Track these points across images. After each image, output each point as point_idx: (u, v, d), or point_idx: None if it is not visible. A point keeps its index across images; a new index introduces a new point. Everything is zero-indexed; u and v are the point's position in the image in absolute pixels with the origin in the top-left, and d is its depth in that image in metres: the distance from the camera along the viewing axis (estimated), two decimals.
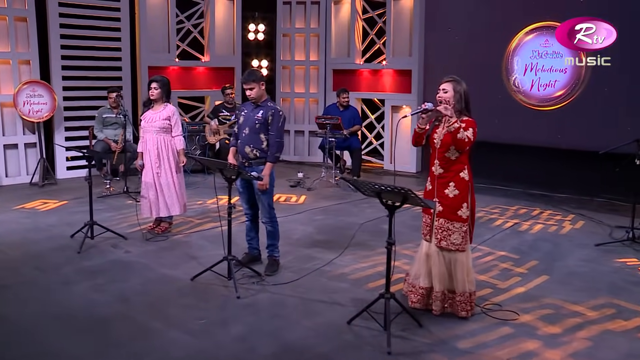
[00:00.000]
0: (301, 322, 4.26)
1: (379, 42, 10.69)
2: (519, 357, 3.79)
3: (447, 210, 4.25)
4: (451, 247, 4.28)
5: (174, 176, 6.26)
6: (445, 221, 4.28)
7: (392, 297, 4.09)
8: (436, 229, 4.32)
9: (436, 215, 4.31)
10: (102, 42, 9.46)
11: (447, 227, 4.28)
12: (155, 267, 5.36)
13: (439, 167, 4.31)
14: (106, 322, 4.22)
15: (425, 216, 4.45)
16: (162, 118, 6.20)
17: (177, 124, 6.26)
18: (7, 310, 4.41)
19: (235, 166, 4.77)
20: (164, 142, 6.22)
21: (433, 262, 4.35)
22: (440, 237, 4.30)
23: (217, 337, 4.01)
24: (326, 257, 5.69)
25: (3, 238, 6.16)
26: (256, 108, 5.12)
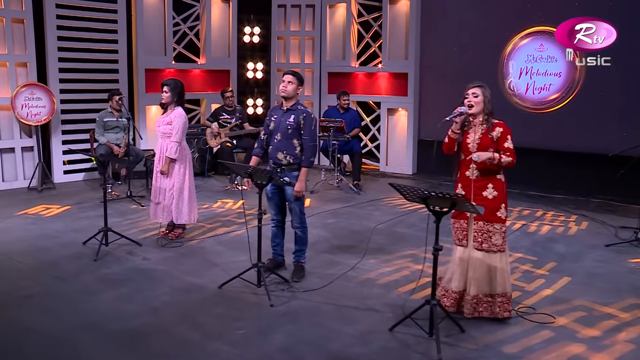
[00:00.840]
0: (342, 330, 4.11)
1: (375, 45, 10.60)
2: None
3: (486, 212, 4.16)
4: (493, 248, 4.19)
5: (185, 182, 6.00)
6: (485, 223, 4.19)
7: (438, 304, 3.98)
8: (475, 232, 4.22)
9: (474, 218, 4.21)
10: (99, 45, 9.14)
11: (487, 230, 4.19)
12: (179, 275, 5.14)
13: (476, 171, 4.21)
14: (142, 334, 4.00)
15: (459, 221, 4.33)
16: (165, 123, 5.96)
17: (176, 129, 5.88)
18: (37, 322, 4.16)
19: (268, 171, 4.59)
20: (166, 147, 5.97)
21: (471, 265, 4.25)
22: (481, 240, 4.21)
23: (260, 348, 3.83)
24: (348, 261, 5.55)
25: (13, 246, 5.86)
26: (286, 112, 4.94)
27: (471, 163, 4.23)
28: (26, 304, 4.48)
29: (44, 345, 3.83)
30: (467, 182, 4.29)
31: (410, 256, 5.79)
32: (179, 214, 6.01)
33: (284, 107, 4.98)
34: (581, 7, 8.61)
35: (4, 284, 4.86)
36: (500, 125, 4.22)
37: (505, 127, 4.23)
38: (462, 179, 4.33)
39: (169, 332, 4.05)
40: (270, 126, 4.99)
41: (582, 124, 8.75)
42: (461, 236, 4.35)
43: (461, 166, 4.34)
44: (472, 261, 4.25)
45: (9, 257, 5.54)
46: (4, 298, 4.58)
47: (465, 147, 4.27)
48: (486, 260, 4.23)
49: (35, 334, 3.97)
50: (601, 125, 8.60)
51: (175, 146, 5.88)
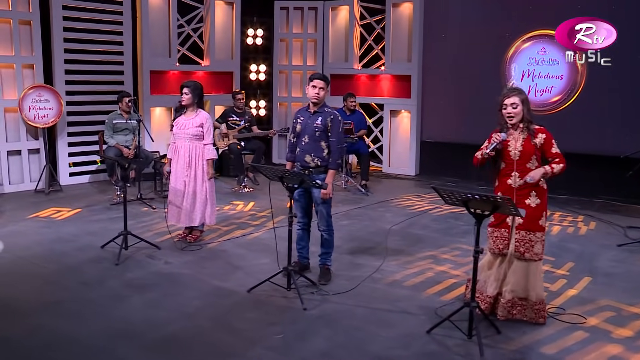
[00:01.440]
0: (379, 333, 4.06)
1: (377, 47, 10.57)
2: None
3: (528, 220, 4.10)
4: (534, 257, 4.15)
5: (206, 185, 5.94)
6: (527, 232, 4.13)
7: (478, 306, 3.95)
8: (517, 241, 4.16)
9: (515, 227, 4.16)
10: (104, 46, 8.98)
11: (530, 239, 4.14)
12: (204, 279, 5.05)
13: (518, 179, 4.15)
14: (180, 341, 3.91)
15: (499, 230, 4.23)
16: (195, 125, 5.87)
17: (210, 131, 5.92)
18: (70, 329, 4.04)
19: (300, 174, 4.51)
20: (196, 150, 5.89)
21: (510, 273, 4.20)
22: (523, 250, 4.15)
23: (302, 353, 3.76)
24: (370, 263, 5.50)
25: (32, 250, 5.71)
26: (314, 115, 4.88)
27: (513, 171, 4.15)
28: (55, 310, 4.35)
29: (81, 354, 3.72)
30: (509, 190, 4.19)
31: (431, 257, 5.76)
32: (199, 216, 5.92)
33: (311, 109, 4.91)
34: (583, 9, 8.67)
35: (30, 290, 4.73)
36: (542, 131, 4.16)
37: (547, 132, 4.17)
38: (502, 187, 4.23)
39: (207, 338, 3.96)
40: (297, 128, 4.92)
41: (584, 125, 8.79)
42: (502, 245, 4.23)
43: (500, 175, 4.26)
44: (512, 269, 4.20)
45: (29, 261, 5.40)
46: (32, 304, 4.45)
47: (507, 155, 4.19)
48: (525, 268, 4.18)
49: (71, 342, 3.86)
50: (603, 126, 8.66)
51: (212, 147, 5.90)
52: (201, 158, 5.90)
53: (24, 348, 3.76)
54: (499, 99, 4.27)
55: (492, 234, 4.30)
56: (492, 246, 4.31)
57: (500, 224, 4.23)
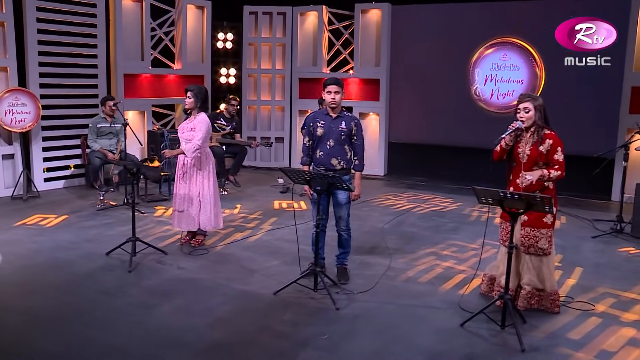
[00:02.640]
0: (417, 328, 4.14)
1: (345, 52, 10.68)
2: (629, 343, 3.96)
3: (533, 218, 4.31)
4: (539, 252, 4.35)
5: (208, 189, 5.79)
6: (532, 229, 4.33)
7: (510, 299, 4.11)
8: (523, 237, 4.36)
9: (521, 224, 4.35)
10: (79, 49, 8.58)
11: (534, 235, 4.34)
12: (224, 283, 4.95)
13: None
14: (229, 346, 3.83)
15: (505, 223, 4.44)
16: (190, 128, 5.72)
17: (199, 132, 5.60)
18: (113, 339, 3.86)
19: (330, 177, 4.51)
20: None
21: (523, 265, 4.40)
22: (527, 245, 4.35)
23: (353, 352, 3.77)
24: (379, 262, 5.58)
25: (33, 259, 5.41)
26: (336, 119, 4.89)
27: (521, 171, 4.36)
28: (87, 320, 4.15)
29: None
30: (517, 189, 4.39)
31: (432, 254, 5.91)
32: (204, 221, 5.80)
33: (332, 114, 4.93)
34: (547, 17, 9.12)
35: (52, 301, 4.47)
36: (551, 137, 4.36)
37: (556, 138, 4.37)
38: (512, 185, 4.43)
39: (254, 342, 3.90)
40: (319, 132, 4.92)
41: None
42: (505, 237, 4.47)
43: (513, 173, 4.44)
44: (524, 263, 4.39)
45: (36, 271, 5.11)
46: (60, 315, 4.22)
47: (516, 156, 4.39)
48: (534, 262, 4.38)
49: (120, 352, 3.70)
50: (561, 127, 9.12)
51: (194, 146, 5.57)
52: (199, 162, 5.73)
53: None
54: (516, 104, 4.46)
55: (500, 226, 4.51)
56: (506, 239, 4.48)
57: (507, 218, 4.42)
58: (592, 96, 8.85)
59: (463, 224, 7.20)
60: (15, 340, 3.83)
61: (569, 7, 8.88)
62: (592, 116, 8.88)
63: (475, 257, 5.81)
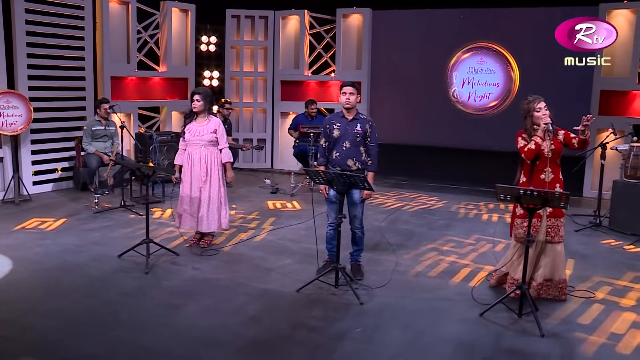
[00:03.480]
0: (440, 320, 4.29)
1: (326, 55, 10.82)
2: (633, 326, 4.24)
3: (556, 209, 4.56)
4: (560, 239, 4.61)
5: (221, 190, 5.86)
6: (555, 220, 4.58)
7: (527, 289, 4.33)
8: (549, 228, 4.58)
9: (547, 216, 4.58)
10: (67, 52, 8.40)
11: (557, 225, 4.59)
12: (244, 282, 4.98)
13: (550, 174, 4.57)
14: (267, 343, 3.89)
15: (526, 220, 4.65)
16: (210, 131, 5.77)
17: (224, 136, 5.85)
18: (149, 341, 3.87)
19: (351, 176, 4.63)
20: (212, 156, 5.79)
21: (542, 257, 4.62)
22: (553, 234, 4.58)
23: (387, 342, 3.89)
24: (387, 258, 5.73)
25: (43, 264, 5.30)
26: (352, 122, 5.02)
27: (546, 167, 4.55)
28: (118, 323, 4.12)
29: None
30: (542, 185, 4.54)
31: (433, 250, 6.10)
32: (216, 222, 5.83)
33: (347, 116, 5.05)
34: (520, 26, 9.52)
35: (75, 304, 4.41)
36: (561, 130, 4.64)
37: (564, 129, 4.66)
38: (535, 182, 4.58)
39: (291, 338, 3.98)
40: (335, 134, 5.04)
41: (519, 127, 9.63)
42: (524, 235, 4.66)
43: (534, 171, 4.61)
44: (545, 253, 4.62)
45: (50, 275, 5.02)
46: (89, 318, 4.18)
47: (542, 154, 4.58)
48: (553, 250, 4.62)
49: (161, 354, 3.71)
50: None
51: (228, 151, 5.82)
52: (217, 163, 5.80)
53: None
54: (529, 107, 4.65)
55: (522, 224, 4.69)
56: (523, 235, 4.67)
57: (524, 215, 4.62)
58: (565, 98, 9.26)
59: (453, 220, 7.45)
60: (49, 343, 3.79)
61: (542, 14, 9.29)
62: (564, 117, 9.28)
63: (473, 252, 6.06)
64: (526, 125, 4.70)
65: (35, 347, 3.74)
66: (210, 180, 5.78)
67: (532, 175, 4.64)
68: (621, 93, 8.62)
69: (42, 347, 3.75)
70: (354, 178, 4.62)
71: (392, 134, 10.69)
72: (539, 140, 4.56)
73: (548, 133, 4.59)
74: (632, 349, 3.91)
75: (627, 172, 6.86)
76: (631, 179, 6.81)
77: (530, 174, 4.65)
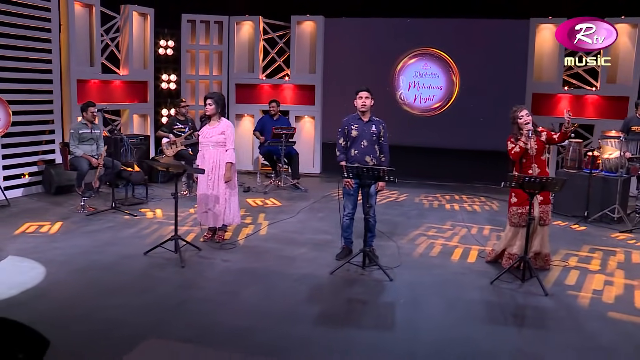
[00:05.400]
0: (461, 289, 5.14)
1: (279, 60, 11.42)
2: (606, 283, 5.37)
3: (545, 197, 5.59)
4: (549, 222, 5.65)
5: (234, 187, 6.34)
6: (546, 206, 5.60)
7: (529, 259, 5.32)
8: (542, 213, 5.59)
9: (539, 203, 5.58)
10: (33, 54, 8.34)
11: (547, 210, 5.61)
12: (279, 270, 5.53)
13: (537, 168, 5.57)
14: (339, 315, 4.55)
15: (522, 207, 5.55)
16: (218, 133, 6.21)
17: (231, 138, 6.24)
18: (236, 321, 4.35)
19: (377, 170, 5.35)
20: (219, 156, 6.24)
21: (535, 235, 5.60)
22: (545, 219, 5.60)
23: (430, 308, 4.68)
24: (387, 244, 6.50)
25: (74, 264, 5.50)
26: (367, 123, 5.76)
27: (532, 163, 5.53)
28: (183, 311, 4.53)
29: (276, 339, 4.11)
30: None
31: (422, 235, 6.97)
32: (231, 217, 6.30)
33: (363, 118, 5.79)
34: (462, 33, 10.74)
35: (134, 299, 4.75)
36: (543, 130, 5.69)
37: (544, 128, 5.71)
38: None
39: (355, 310, 4.68)
40: (353, 134, 5.75)
41: (459, 125, 10.90)
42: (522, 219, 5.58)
43: (523, 168, 5.60)
44: (535, 232, 5.60)
45: (89, 275, 5.25)
46: (156, 309, 4.54)
47: (527, 153, 5.57)
48: (542, 230, 5.64)
49: (246, 332, 4.19)
50: (474, 127, 10.85)
51: (232, 152, 6.21)
52: (223, 163, 6.26)
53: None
54: (514, 115, 5.64)
55: (517, 212, 5.66)
56: (518, 221, 5.63)
57: (523, 203, 5.57)
58: (501, 99, 10.59)
59: (423, 210, 8.42)
60: (140, 335, 4.16)
61: (480, 25, 10.57)
62: (500, 116, 10.62)
63: (455, 235, 7.03)
64: (513, 129, 5.69)
65: (131, 338, 4.08)
66: (218, 179, 6.23)
67: (522, 171, 5.64)
68: (549, 96, 10.09)
69: (139, 336, 4.11)
70: (381, 172, 5.35)
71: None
72: (522, 144, 5.56)
73: (531, 136, 5.61)
74: (613, 298, 5.02)
75: (568, 164, 8.20)
76: (571, 170, 8.15)
77: (520, 170, 5.64)
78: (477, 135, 10.76)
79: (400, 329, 4.33)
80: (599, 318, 4.60)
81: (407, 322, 4.44)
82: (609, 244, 6.78)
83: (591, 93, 9.91)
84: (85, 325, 4.21)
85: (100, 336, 4.02)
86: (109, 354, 3.76)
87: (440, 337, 4.21)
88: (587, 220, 7.73)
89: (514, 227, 5.70)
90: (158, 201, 8.33)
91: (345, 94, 11.31)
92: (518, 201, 5.62)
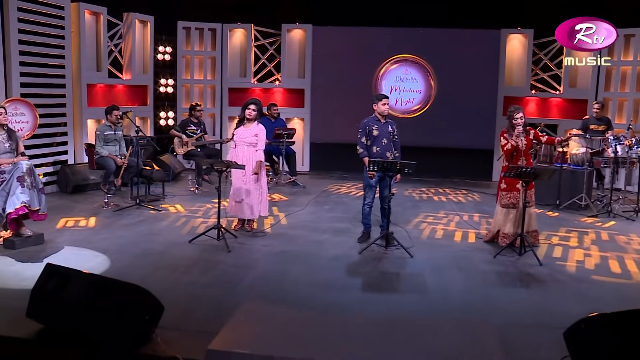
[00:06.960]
0: (472, 262, 6.20)
1: (270, 65, 12.30)
2: (586, 256, 6.56)
3: (531, 185, 6.74)
4: (534, 205, 6.81)
5: (261, 182, 7.19)
6: (530, 191, 6.73)
7: (524, 236, 6.45)
8: (529, 197, 6.72)
9: (527, 189, 6.72)
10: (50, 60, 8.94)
11: (530, 194, 6.73)
12: (315, 252, 6.43)
13: (524, 161, 6.71)
14: (379, 284, 5.57)
15: (512, 192, 6.64)
16: (252, 135, 7.08)
17: (262, 140, 7.09)
18: (314, 277, 5.33)
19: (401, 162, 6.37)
20: (250, 154, 7.10)
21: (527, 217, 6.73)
22: (531, 202, 6.75)
23: (450, 278, 5.71)
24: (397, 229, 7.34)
25: (131, 252, 6.20)
26: (385, 124, 6.77)
27: (521, 157, 6.67)
28: (261, 281, 5.44)
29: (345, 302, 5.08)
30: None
31: (422, 222, 8.02)
32: (262, 208, 7.18)
33: (381, 120, 6.80)
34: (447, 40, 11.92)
35: (204, 276, 5.57)
36: (531, 130, 6.86)
37: (533, 129, 6.89)
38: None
39: (391, 279, 5.69)
40: (374, 133, 6.75)
41: (436, 126, 12.05)
42: (514, 201, 6.68)
43: (513, 160, 6.71)
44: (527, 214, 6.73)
45: (150, 259, 5.99)
46: (233, 281, 5.40)
47: (518, 147, 6.71)
48: (529, 211, 6.77)
49: (325, 285, 5.14)
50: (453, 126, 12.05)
51: (262, 152, 7.09)
52: (254, 161, 7.13)
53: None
54: (510, 114, 6.77)
55: (506, 196, 6.79)
56: (507, 203, 6.76)
57: (512, 189, 6.73)
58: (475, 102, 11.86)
59: (414, 201, 9.51)
60: (221, 299, 4.99)
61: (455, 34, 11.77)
62: (474, 117, 11.91)
63: (451, 222, 8.11)
64: (508, 126, 6.83)
65: (221, 304, 4.91)
66: (249, 175, 7.09)
67: (512, 163, 6.75)
68: (518, 98, 11.40)
69: (228, 303, 4.94)
70: (402, 164, 6.37)
71: (331, 134, 12.51)
72: (513, 142, 6.70)
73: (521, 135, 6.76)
74: (594, 265, 6.24)
75: (540, 159, 9.47)
76: (543, 164, 9.41)
77: (510, 162, 6.76)
78: (453, 135, 11.94)
79: (433, 291, 5.36)
80: (586, 281, 5.77)
81: (437, 286, 5.47)
82: (581, 226, 8.03)
83: (555, 96, 11.32)
84: (171, 298, 4.96)
85: (193, 304, 4.85)
86: (212, 317, 4.56)
87: (467, 297, 5.26)
88: (559, 207, 8.98)
89: (505, 208, 6.81)
90: (172, 197, 9.05)
91: (332, 97, 12.38)
92: (507, 187, 6.75)
